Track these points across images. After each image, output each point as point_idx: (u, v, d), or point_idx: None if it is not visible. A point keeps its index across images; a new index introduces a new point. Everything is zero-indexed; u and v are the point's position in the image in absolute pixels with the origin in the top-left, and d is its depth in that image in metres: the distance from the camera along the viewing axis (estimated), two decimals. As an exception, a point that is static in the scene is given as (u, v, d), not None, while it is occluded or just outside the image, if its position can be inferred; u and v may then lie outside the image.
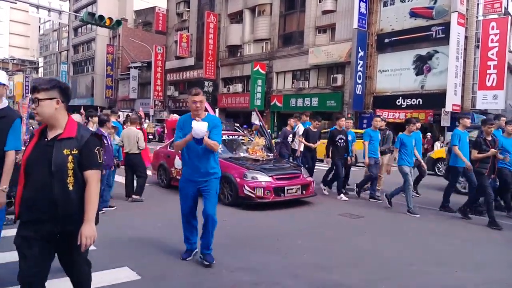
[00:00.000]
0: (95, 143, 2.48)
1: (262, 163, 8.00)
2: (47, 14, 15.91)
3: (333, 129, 9.03)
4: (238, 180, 7.31)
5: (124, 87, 45.35)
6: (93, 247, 4.81)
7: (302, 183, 7.73)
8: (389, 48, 21.59)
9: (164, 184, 9.48)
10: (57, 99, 2.40)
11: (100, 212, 6.76)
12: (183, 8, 36.33)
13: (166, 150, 9.68)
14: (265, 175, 7.35)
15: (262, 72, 27.47)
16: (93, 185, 2.45)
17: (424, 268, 4.52)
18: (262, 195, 7.16)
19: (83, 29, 53.07)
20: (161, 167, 9.70)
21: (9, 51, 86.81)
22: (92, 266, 4.21)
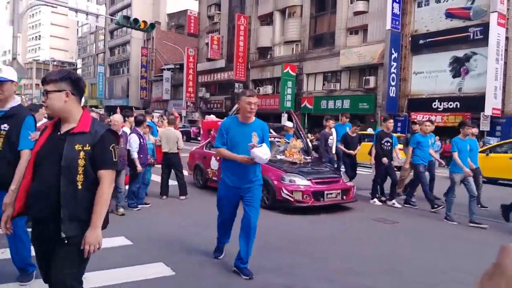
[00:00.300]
0: (110, 140, 2.28)
1: (299, 166, 7.84)
2: (85, 18, 16.45)
3: (380, 131, 8.69)
4: (275, 183, 7.16)
5: (157, 89, 46.33)
6: (130, 242, 5.07)
7: (343, 188, 7.53)
8: (424, 50, 21.09)
9: (200, 185, 9.50)
10: (67, 91, 2.22)
11: (135, 209, 7.05)
12: (214, 11, 36.78)
13: (202, 151, 9.72)
14: (304, 179, 7.19)
15: (292, 74, 27.42)
16: (105, 186, 2.24)
17: (458, 276, 4.41)
18: (300, 199, 7.00)
19: (118, 32, 54.57)
20: (197, 167, 9.71)
21: (50, 53, 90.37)
22: (128, 260, 4.40)
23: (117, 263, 4.32)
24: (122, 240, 5.19)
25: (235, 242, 4.41)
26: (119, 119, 6.73)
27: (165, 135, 8.18)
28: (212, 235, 5.66)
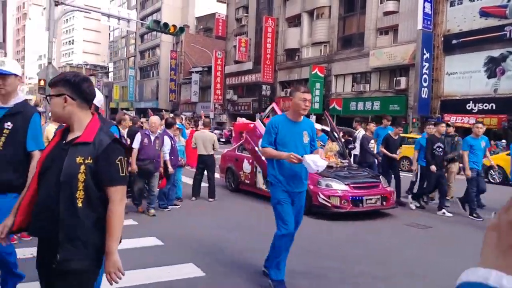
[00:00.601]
0: (116, 151, 1.97)
1: (336, 170, 7.62)
2: (117, 23, 16.81)
3: (431, 135, 8.07)
4: (311, 187, 6.81)
5: (186, 91, 47.00)
6: (161, 242, 5.16)
7: (382, 193, 7.21)
8: (457, 50, 20.48)
9: (232, 188, 9.43)
10: (65, 96, 1.96)
11: (166, 210, 7.16)
12: (242, 14, 37.02)
13: (234, 153, 9.66)
14: (341, 183, 6.96)
15: (321, 75, 27.21)
16: (116, 205, 1.94)
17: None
18: (338, 204, 6.77)
19: (148, 35, 55.70)
20: (229, 170, 9.64)
21: (83, 57, 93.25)
22: (160, 260, 4.48)
23: (149, 263, 4.41)
24: (154, 240, 5.30)
25: (262, 241, 4.39)
26: (157, 121, 6.87)
27: (201, 137, 8.29)
28: (241, 237, 5.70)
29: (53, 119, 2.16)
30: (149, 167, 6.65)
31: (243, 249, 5.15)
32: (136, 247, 4.98)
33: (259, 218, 6.97)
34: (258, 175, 8.50)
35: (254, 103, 34.11)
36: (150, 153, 6.65)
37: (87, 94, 2.02)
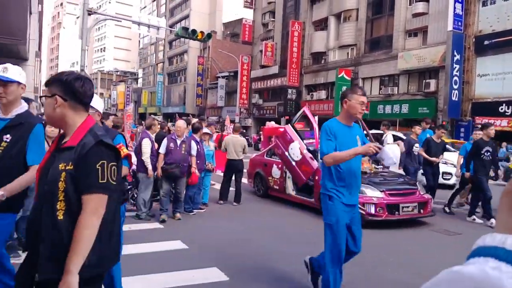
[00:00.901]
0: (99, 154, 1.73)
1: (370, 176, 7.39)
2: (147, 30, 17.19)
3: (479, 139, 7.63)
4: None
5: (212, 96, 47.51)
6: (186, 246, 5.25)
7: (419, 200, 6.90)
8: (489, 51, 19.84)
9: (261, 193, 9.33)
10: (56, 96, 1.79)
11: (191, 214, 7.24)
12: (268, 18, 37.16)
13: (263, 158, 9.54)
14: (376, 190, 6.71)
15: (347, 79, 26.91)
16: (86, 217, 1.66)
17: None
18: (373, 212, 6.52)
19: (177, 42, 56.71)
20: (257, 175, 9.53)
21: (113, 64, 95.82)
22: (185, 264, 4.54)
23: (174, 267, 4.47)
24: (179, 244, 5.37)
25: (288, 246, 4.38)
26: (183, 125, 6.91)
27: (232, 142, 8.38)
28: (267, 241, 5.68)
29: (47, 121, 1.99)
30: (175, 171, 6.64)
31: (269, 253, 5.14)
32: (161, 250, 5.08)
33: (286, 223, 6.96)
34: (287, 181, 8.39)
35: (279, 107, 34.10)
36: (177, 157, 6.65)
37: (80, 94, 1.82)
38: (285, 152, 7.68)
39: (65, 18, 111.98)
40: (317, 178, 7.31)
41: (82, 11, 15.11)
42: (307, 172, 7.38)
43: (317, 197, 7.30)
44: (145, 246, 5.22)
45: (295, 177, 7.72)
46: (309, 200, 7.80)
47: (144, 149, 6.69)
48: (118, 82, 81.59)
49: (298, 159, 7.41)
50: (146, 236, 5.69)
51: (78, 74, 1.89)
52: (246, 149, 8.49)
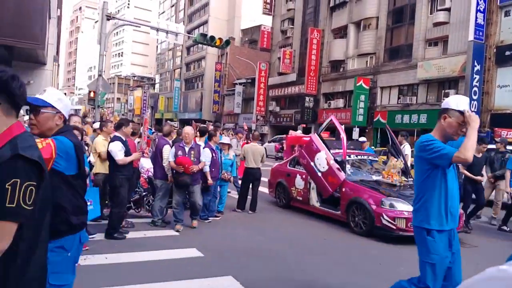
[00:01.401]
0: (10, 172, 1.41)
1: (400, 189, 7.13)
2: (165, 36, 17.32)
3: None
4: (374, 207, 6.55)
5: (229, 102, 47.69)
6: (201, 254, 5.23)
7: None
8: (510, 62, 19.48)
9: (283, 204, 9.08)
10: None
11: (207, 221, 7.23)
12: (287, 26, 37.21)
13: (286, 168, 9.26)
14: (407, 204, 6.38)
15: (366, 87, 26.74)
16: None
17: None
18: (404, 227, 6.26)
19: (194, 48, 57.19)
20: (279, 185, 9.27)
21: (131, 69, 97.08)
22: (200, 272, 4.53)
23: (189, 274, 4.46)
24: (194, 251, 5.36)
25: (307, 257, 4.31)
26: (190, 131, 6.65)
27: (251, 150, 8.36)
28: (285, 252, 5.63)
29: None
30: (185, 179, 6.44)
31: (286, 263, 5.10)
32: (177, 258, 5.08)
33: (307, 234, 6.87)
34: (311, 192, 8.15)
35: (296, 114, 34.03)
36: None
37: (17, 96, 1.54)
38: (311, 162, 7.55)
39: (84, 23, 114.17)
40: (344, 190, 7.23)
41: (101, 16, 15.26)
42: (333, 184, 7.25)
43: (343, 210, 7.22)
44: (160, 253, 5.23)
45: (321, 189, 7.58)
46: (335, 212, 7.56)
47: (166, 155, 6.58)
48: (135, 87, 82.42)
49: (324, 170, 7.31)
50: (161, 243, 5.69)
51: (13, 72, 1.56)
52: (264, 157, 8.46)
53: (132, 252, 5.19)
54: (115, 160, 5.62)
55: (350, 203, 7.00)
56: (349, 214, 7.01)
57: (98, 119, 14.74)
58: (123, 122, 6.04)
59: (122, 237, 5.90)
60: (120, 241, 5.71)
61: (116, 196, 5.80)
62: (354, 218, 6.91)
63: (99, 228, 6.01)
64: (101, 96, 15.77)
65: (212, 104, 50.37)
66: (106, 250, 5.18)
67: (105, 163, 6.03)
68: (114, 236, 5.79)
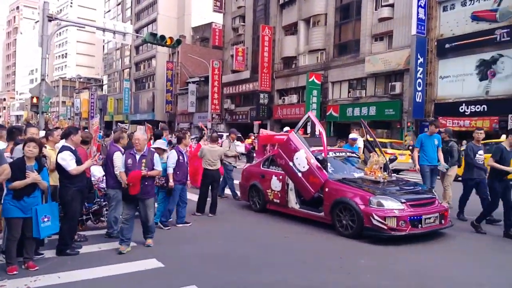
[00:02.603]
0: None
1: (385, 185, 6.81)
2: (112, 36, 16.24)
3: None
4: (361, 207, 6.09)
5: (183, 102, 47.20)
6: (161, 264, 5.05)
7: (440, 210, 6.39)
8: (450, 54, 21.03)
9: (258, 208, 8.40)
10: None
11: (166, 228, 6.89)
12: (238, 23, 37.49)
13: (260, 169, 8.58)
14: (397, 201, 6.09)
15: (318, 83, 27.66)
16: None
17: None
18: (395, 226, 5.86)
19: (144, 47, 55.88)
20: (253, 188, 8.58)
21: (76, 70, 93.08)
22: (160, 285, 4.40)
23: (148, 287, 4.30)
24: (154, 262, 5.08)
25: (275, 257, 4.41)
26: (142, 137, 5.82)
27: (209, 152, 8.18)
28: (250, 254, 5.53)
29: None
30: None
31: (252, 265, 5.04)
32: (135, 271, 4.79)
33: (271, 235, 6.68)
34: (290, 193, 7.59)
35: (251, 111, 34.45)
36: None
37: None
38: (289, 162, 7.06)
39: (22, 23, 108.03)
40: (327, 190, 6.73)
41: (42, 16, 14.24)
42: (315, 184, 6.77)
43: (327, 211, 6.71)
44: (117, 267, 4.86)
45: (302, 190, 7.06)
46: (317, 214, 7.01)
47: (118, 163, 5.94)
48: (82, 90, 79.32)
49: (305, 170, 6.84)
50: (118, 256, 5.28)
51: None
52: (223, 157, 8.33)
53: (87, 268, 4.77)
54: (65, 171, 5.21)
55: (335, 204, 6.52)
56: (334, 216, 6.53)
57: (43, 126, 13.88)
58: (72, 130, 5.58)
59: (75, 253, 5.38)
60: (73, 257, 5.21)
61: (67, 210, 5.35)
62: (340, 219, 6.44)
63: (49, 244, 5.48)
64: (45, 101, 14.72)
65: (165, 104, 49.59)
66: (58, 268, 4.74)
67: (53, 174, 5.46)
68: (66, 252, 5.30)
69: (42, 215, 4.69)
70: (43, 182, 4.72)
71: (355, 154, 8.56)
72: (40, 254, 5.22)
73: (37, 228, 4.65)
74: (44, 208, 4.76)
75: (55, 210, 5.01)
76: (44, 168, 4.87)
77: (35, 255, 5.01)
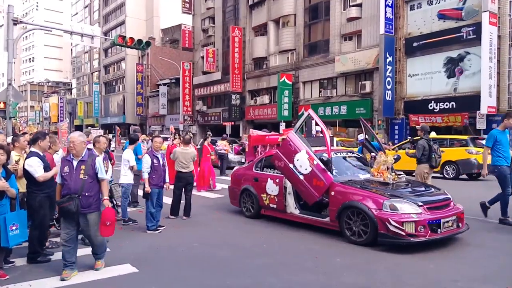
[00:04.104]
0: None
1: (395, 187, 6.32)
2: (80, 39, 16.24)
3: None
4: (375, 212, 5.57)
5: (154, 104, 46.42)
6: (136, 269, 4.85)
7: (457, 213, 5.89)
8: (418, 52, 21.21)
9: (251, 214, 7.84)
10: None
11: (157, 232, 6.77)
12: (208, 24, 37.03)
13: (252, 172, 8.01)
14: (413, 204, 5.60)
15: (289, 83, 27.50)
16: None
17: (470, 285, 4.35)
18: (413, 232, 5.35)
19: (113, 50, 54.88)
20: (245, 193, 8.02)
21: (44, 74, 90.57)
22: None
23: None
24: (128, 267, 4.96)
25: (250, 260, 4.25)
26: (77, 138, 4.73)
27: (182, 155, 8.07)
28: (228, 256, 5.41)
29: None
30: (68, 206, 4.57)
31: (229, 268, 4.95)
32: (109, 277, 4.66)
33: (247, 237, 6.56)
34: (288, 198, 7.06)
35: (224, 113, 34.05)
36: (71, 186, 4.62)
37: None
38: (289, 164, 6.51)
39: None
40: (333, 194, 6.17)
41: (6, 20, 13.85)
42: (319, 188, 6.19)
43: (333, 217, 6.15)
44: (90, 274, 4.74)
45: (305, 194, 6.46)
46: (322, 220, 6.47)
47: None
48: (50, 94, 77.77)
49: (307, 172, 6.29)
50: (91, 262, 5.05)
51: None
52: (196, 159, 8.21)
53: (60, 276, 4.60)
54: (33, 177, 5.09)
55: (343, 209, 5.96)
56: (343, 222, 5.98)
57: (11, 132, 13.56)
58: (39, 136, 5.45)
59: (47, 260, 5.24)
60: (45, 264, 5.08)
61: (35, 217, 5.20)
62: (349, 226, 5.90)
63: (20, 252, 5.34)
64: (12, 106, 14.48)
65: (135, 107, 48.68)
66: (30, 276, 4.61)
67: (21, 181, 5.38)
68: (37, 260, 5.18)
69: (10, 223, 4.57)
70: (12, 190, 4.60)
71: (356, 153, 8.09)
72: (11, 262, 5.06)
73: (5, 236, 4.51)
74: (12, 217, 4.63)
75: (23, 218, 4.86)
76: (13, 175, 4.78)
77: (5, 263, 4.88)
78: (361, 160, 7.60)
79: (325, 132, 6.59)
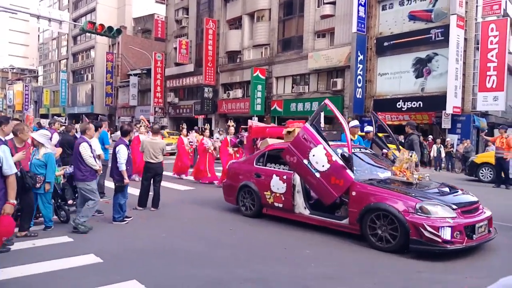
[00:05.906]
0: None
1: (420, 187, 5.80)
2: (48, 24, 15.90)
3: None
4: (406, 216, 5.06)
5: (124, 95, 45.39)
6: (100, 259, 4.82)
7: (487, 217, 5.51)
8: (388, 52, 21.64)
9: (251, 213, 7.25)
10: None
11: (124, 223, 6.72)
12: (182, 15, 36.45)
13: (253, 167, 7.35)
14: (448, 208, 5.15)
15: (262, 78, 27.52)
16: None
17: (434, 276, 4.50)
18: (449, 238, 4.89)
19: (82, 37, 53.23)
20: (244, 189, 7.39)
21: (9, 60, 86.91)
22: (98, 280, 4.18)
23: (88, 284, 4.09)
24: (92, 258, 4.91)
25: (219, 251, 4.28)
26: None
27: (150, 145, 7.96)
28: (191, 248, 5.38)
29: None
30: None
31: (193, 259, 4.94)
32: (72, 267, 4.60)
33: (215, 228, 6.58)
34: (296, 197, 6.49)
35: (196, 105, 33.69)
36: None
37: None
38: (303, 160, 5.91)
39: None
40: (354, 194, 5.64)
41: None
42: (338, 187, 5.66)
43: (354, 219, 5.62)
44: (53, 264, 4.66)
45: (321, 193, 5.90)
46: (339, 222, 5.94)
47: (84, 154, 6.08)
48: (15, 81, 74.91)
49: (324, 170, 5.74)
50: (53, 252, 5.05)
51: None
52: (164, 151, 8.05)
53: (20, 266, 4.54)
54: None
55: (367, 211, 5.42)
56: (366, 226, 5.43)
57: None
58: (2, 120, 5.27)
59: (6, 250, 5.14)
60: (4, 254, 4.99)
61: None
62: (374, 230, 5.36)
63: None
64: None
65: (104, 97, 47.42)
66: None
67: None
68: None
69: None
70: None
71: (369, 149, 7.51)
72: None
73: None
74: None
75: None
76: None
77: None
78: (376, 156, 7.12)
79: (344, 126, 6.06)
